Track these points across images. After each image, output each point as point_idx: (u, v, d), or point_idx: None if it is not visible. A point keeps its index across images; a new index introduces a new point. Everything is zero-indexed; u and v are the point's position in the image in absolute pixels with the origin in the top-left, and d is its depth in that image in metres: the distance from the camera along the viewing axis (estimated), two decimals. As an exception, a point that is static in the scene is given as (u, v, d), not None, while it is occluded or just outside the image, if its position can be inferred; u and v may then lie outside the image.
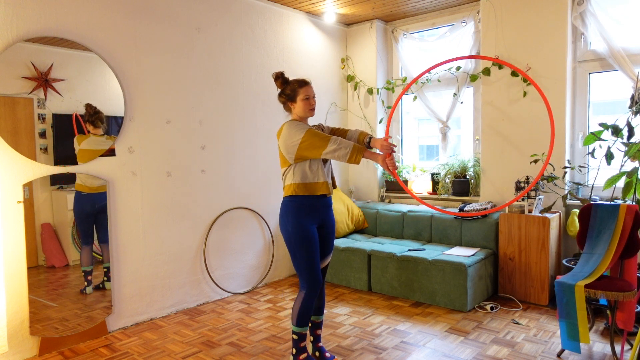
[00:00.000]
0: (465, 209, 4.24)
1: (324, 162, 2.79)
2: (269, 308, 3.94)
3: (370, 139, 2.76)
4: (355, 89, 5.37)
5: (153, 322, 3.66)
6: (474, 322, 3.53)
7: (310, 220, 2.73)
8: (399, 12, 4.92)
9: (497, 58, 2.65)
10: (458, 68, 4.63)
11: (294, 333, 2.74)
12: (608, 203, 3.10)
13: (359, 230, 5.02)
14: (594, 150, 3.56)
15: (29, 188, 3.09)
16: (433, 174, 4.88)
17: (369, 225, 4.98)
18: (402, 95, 2.79)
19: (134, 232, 3.59)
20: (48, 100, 3.12)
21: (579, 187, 3.97)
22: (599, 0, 3.89)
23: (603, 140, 3.47)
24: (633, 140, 3.32)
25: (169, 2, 3.77)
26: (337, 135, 2.79)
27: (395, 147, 2.75)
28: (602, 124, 3.44)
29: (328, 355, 2.90)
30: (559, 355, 2.95)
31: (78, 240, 3.39)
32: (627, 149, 3.29)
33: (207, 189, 4.08)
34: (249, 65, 4.40)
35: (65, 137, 3.24)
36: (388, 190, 5.25)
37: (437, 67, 2.86)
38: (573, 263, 3.59)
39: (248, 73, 4.40)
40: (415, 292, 4.00)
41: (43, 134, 3.13)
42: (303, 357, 2.75)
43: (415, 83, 4.95)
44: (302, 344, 2.76)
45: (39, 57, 3.08)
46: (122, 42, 3.48)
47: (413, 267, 3.98)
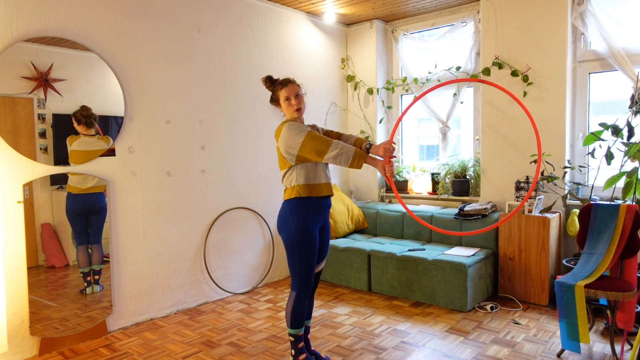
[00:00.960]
0: (465, 209, 4.24)
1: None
2: (269, 308, 3.95)
3: (370, 146, 2.69)
4: (355, 89, 5.37)
5: (153, 322, 3.66)
6: (474, 322, 3.53)
7: (314, 223, 2.68)
8: (399, 12, 4.92)
9: (494, 83, 2.66)
10: (458, 68, 4.63)
11: (291, 335, 2.74)
12: (608, 203, 3.10)
13: (359, 230, 5.02)
14: (594, 150, 3.56)
15: (29, 188, 3.09)
16: (433, 174, 4.88)
17: (369, 225, 4.98)
18: (409, 108, 2.79)
19: (134, 232, 3.59)
20: (48, 100, 3.12)
21: (579, 187, 3.97)
22: (599, 0, 3.89)
23: (603, 140, 3.47)
24: (633, 140, 3.32)
25: (169, 2, 3.77)
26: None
27: (396, 154, 2.72)
28: (602, 124, 3.44)
29: (323, 356, 2.91)
30: (559, 355, 2.95)
31: (76, 240, 3.39)
32: (627, 149, 3.29)
33: (207, 189, 4.08)
34: (249, 65, 4.40)
35: (65, 137, 3.24)
36: (388, 190, 5.25)
37: (444, 85, 2.87)
38: (573, 263, 3.59)
39: (248, 73, 4.40)
40: (415, 292, 4.00)
41: (43, 134, 3.13)
42: (302, 357, 2.75)
43: (415, 83, 4.95)
44: (299, 345, 2.76)
45: (39, 57, 3.08)
46: (122, 42, 3.48)
47: (413, 267, 3.98)
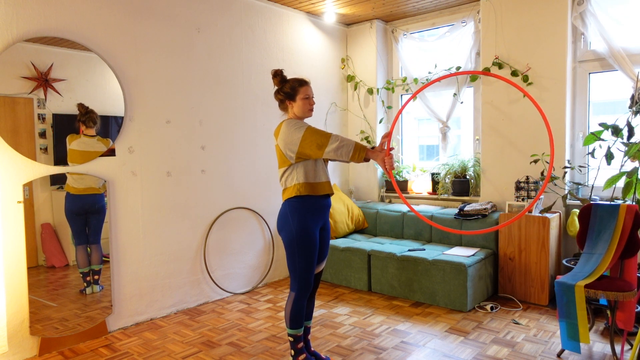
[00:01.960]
0: (465, 209, 4.24)
1: (324, 160, 2.77)
2: (269, 308, 3.94)
3: (372, 148, 2.63)
4: (355, 89, 5.37)
5: (153, 322, 3.66)
6: (474, 322, 3.53)
7: (315, 223, 2.67)
8: (399, 12, 4.92)
9: (502, 77, 2.63)
10: (458, 68, 4.63)
11: (290, 335, 2.74)
12: (608, 203, 3.10)
13: (359, 230, 5.02)
14: (594, 150, 3.56)
15: (29, 188, 3.09)
16: (433, 174, 4.88)
17: (369, 225, 4.98)
18: (404, 107, 2.78)
19: (134, 232, 3.59)
20: (48, 100, 3.12)
21: (579, 187, 3.97)
22: (599, 0, 3.89)
23: (603, 140, 3.47)
24: (633, 140, 3.32)
25: (169, 2, 3.77)
26: None
27: (395, 154, 2.71)
28: (602, 124, 3.44)
29: (323, 356, 2.91)
30: (559, 355, 2.95)
31: (75, 241, 3.39)
32: (627, 149, 3.29)
33: (207, 189, 4.08)
34: (249, 65, 4.40)
35: (65, 137, 3.24)
36: (388, 190, 5.25)
37: (439, 79, 2.83)
38: (573, 263, 3.59)
39: (248, 73, 4.40)
40: (415, 292, 4.00)
41: (43, 134, 3.13)
42: (302, 358, 2.75)
43: (415, 83, 4.94)
44: (299, 345, 2.76)
45: (39, 57, 3.08)
46: (122, 42, 3.48)
47: (413, 267, 3.98)
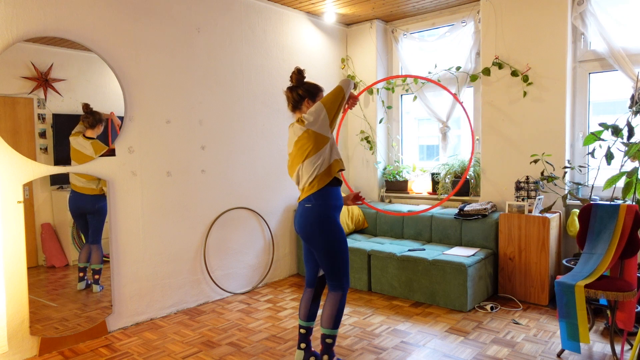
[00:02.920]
0: (465, 209, 4.24)
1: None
2: (269, 308, 3.94)
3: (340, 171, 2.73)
4: (355, 89, 5.36)
5: (153, 322, 3.66)
6: (474, 322, 3.53)
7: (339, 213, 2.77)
8: (399, 12, 4.92)
9: (436, 80, 2.79)
10: (458, 68, 4.63)
11: (331, 337, 2.70)
12: (608, 203, 3.10)
13: (359, 230, 5.02)
14: (594, 150, 3.56)
15: (29, 188, 3.09)
16: (433, 174, 4.88)
17: (369, 225, 4.98)
18: (362, 92, 3.00)
19: (134, 232, 3.59)
20: (48, 100, 3.12)
21: (579, 187, 3.97)
22: (599, 0, 3.89)
23: (603, 140, 3.47)
24: (633, 140, 3.32)
25: (169, 2, 3.77)
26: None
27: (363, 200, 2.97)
28: (602, 124, 3.44)
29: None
30: (559, 355, 2.95)
31: (78, 240, 3.39)
32: (627, 149, 3.29)
33: (207, 189, 4.08)
34: (249, 66, 4.40)
35: (65, 137, 3.24)
36: (388, 190, 5.25)
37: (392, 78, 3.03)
38: (573, 263, 3.59)
39: (248, 73, 4.40)
40: (415, 292, 4.00)
41: (43, 134, 3.13)
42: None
43: (415, 83, 4.94)
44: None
45: (39, 57, 3.08)
46: (122, 42, 3.48)
47: (413, 267, 3.98)
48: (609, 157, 3.42)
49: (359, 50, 5.34)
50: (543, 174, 3.89)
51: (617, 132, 3.38)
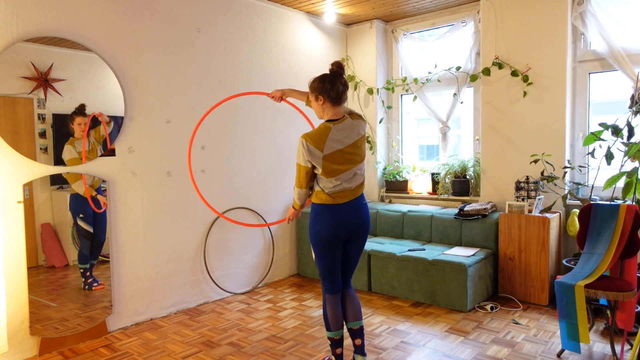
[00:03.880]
0: (465, 209, 4.24)
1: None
2: (269, 308, 3.95)
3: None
4: (355, 89, 5.36)
5: (153, 322, 3.66)
6: (474, 322, 3.53)
7: None
8: (399, 12, 4.92)
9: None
10: (458, 68, 4.63)
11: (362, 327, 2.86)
12: (608, 203, 3.10)
13: (359, 230, 5.01)
14: (594, 150, 3.56)
15: (29, 188, 3.09)
16: (433, 174, 4.88)
17: (369, 225, 4.97)
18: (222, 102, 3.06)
19: (134, 232, 3.59)
20: (48, 100, 3.12)
21: (579, 187, 3.97)
22: (599, 0, 3.89)
23: (603, 140, 3.47)
24: (633, 140, 3.32)
25: (169, 2, 3.77)
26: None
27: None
28: (602, 124, 3.44)
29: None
30: (559, 355, 2.95)
31: (78, 240, 3.40)
32: (627, 149, 3.28)
33: (207, 189, 4.08)
34: (249, 65, 4.40)
35: (65, 137, 3.24)
36: (388, 190, 5.25)
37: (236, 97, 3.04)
38: (573, 263, 3.59)
39: (248, 73, 4.40)
40: (415, 292, 4.00)
41: (43, 134, 3.13)
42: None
43: (415, 82, 4.94)
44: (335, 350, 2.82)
45: (39, 57, 3.08)
46: (122, 42, 3.48)
47: (413, 267, 3.98)
48: (609, 157, 3.42)
49: (359, 50, 5.34)
50: (543, 174, 3.88)
51: (617, 132, 3.38)
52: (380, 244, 4.42)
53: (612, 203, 3.09)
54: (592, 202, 3.31)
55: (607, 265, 2.85)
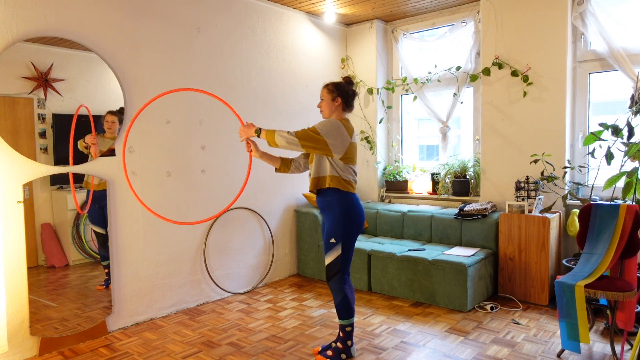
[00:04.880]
0: (465, 209, 4.24)
1: (313, 157, 2.96)
2: (269, 308, 3.95)
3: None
4: (355, 89, 5.35)
5: (153, 322, 3.66)
6: (474, 322, 3.53)
7: None
8: (399, 12, 4.92)
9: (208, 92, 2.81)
10: (458, 68, 4.63)
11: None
12: (608, 203, 3.10)
13: (359, 230, 5.01)
14: (594, 150, 3.56)
15: (29, 188, 3.09)
16: (433, 174, 4.88)
17: (369, 225, 4.97)
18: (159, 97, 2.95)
19: (134, 232, 3.59)
20: (48, 100, 3.12)
21: (579, 187, 3.97)
22: (599, 0, 3.89)
23: (603, 140, 3.47)
24: (633, 140, 3.32)
25: (169, 2, 3.77)
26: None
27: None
28: (602, 124, 3.44)
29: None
30: (559, 355, 2.95)
31: (78, 240, 3.40)
32: (627, 149, 3.28)
33: (207, 189, 4.08)
34: (249, 65, 4.40)
35: (65, 137, 3.24)
36: (388, 190, 5.25)
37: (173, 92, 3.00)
38: (573, 263, 3.59)
39: (248, 73, 4.40)
40: (415, 292, 4.00)
41: (43, 134, 3.13)
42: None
43: (415, 82, 4.94)
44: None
45: (39, 57, 3.08)
46: (122, 42, 3.48)
47: (413, 267, 3.98)
48: (609, 157, 3.42)
49: (359, 50, 5.34)
50: (543, 174, 3.89)
51: (617, 132, 3.38)
52: (380, 244, 4.42)
53: (612, 203, 3.09)
54: (592, 202, 3.31)
55: (607, 265, 2.85)
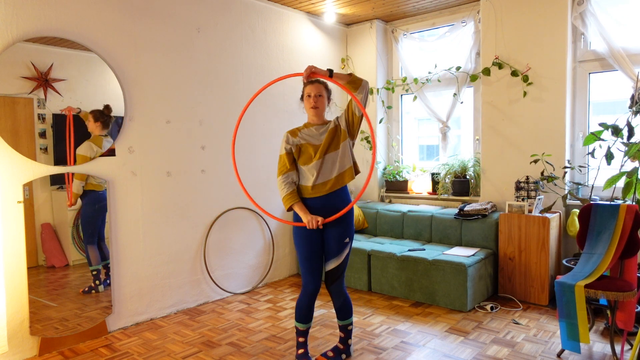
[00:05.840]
0: (465, 209, 4.24)
1: (326, 155, 2.95)
2: (269, 308, 3.95)
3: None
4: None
5: (153, 322, 3.66)
6: (474, 322, 3.53)
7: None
8: (399, 12, 4.92)
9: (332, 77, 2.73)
10: (458, 68, 4.63)
11: (294, 326, 2.96)
12: (608, 203, 3.10)
13: (359, 230, 5.02)
14: (594, 150, 3.56)
15: (29, 188, 3.09)
16: (433, 174, 4.88)
17: (369, 225, 4.98)
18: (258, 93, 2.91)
19: (134, 232, 3.59)
20: (48, 100, 3.12)
21: (579, 187, 3.97)
22: (599, 0, 3.89)
23: (603, 140, 3.47)
24: (633, 140, 3.32)
25: (169, 2, 3.77)
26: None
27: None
28: (602, 124, 3.44)
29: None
30: (559, 355, 2.95)
31: (78, 241, 3.40)
32: (627, 149, 3.28)
33: (207, 189, 4.08)
34: (249, 66, 4.40)
35: (65, 137, 3.24)
36: (388, 190, 5.25)
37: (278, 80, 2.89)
38: (573, 263, 3.59)
39: (248, 73, 4.40)
40: (415, 292, 4.00)
41: (43, 134, 3.13)
42: (300, 352, 2.87)
43: (415, 82, 4.94)
44: (300, 339, 2.89)
45: (39, 57, 3.08)
46: (122, 42, 3.48)
47: (413, 267, 3.98)
48: (609, 157, 3.42)
49: (359, 50, 5.34)
50: (543, 174, 3.89)
51: (617, 132, 3.38)
52: (380, 244, 4.42)
53: (612, 203, 3.09)
54: (592, 202, 3.31)
55: (607, 265, 2.85)
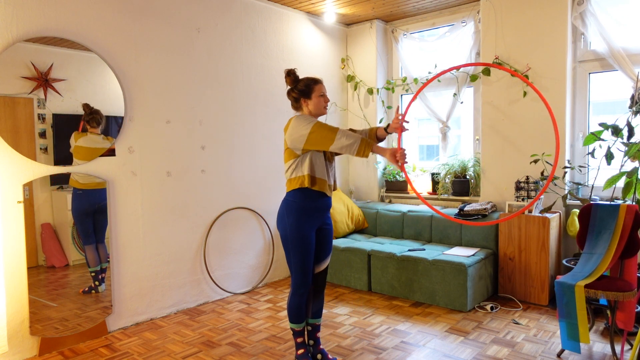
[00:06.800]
0: (465, 209, 4.24)
1: (329, 162, 2.75)
2: (269, 308, 3.95)
3: (387, 126, 2.82)
4: (355, 89, 5.36)
5: (153, 322, 3.66)
6: (474, 322, 3.53)
7: (310, 225, 2.70)
8: (399, 12, 4.92)
9: (495, 63, 2.67)
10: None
11: (290, 328, 2.90)
12: (608, 203, 3.10)
13: (359, 230, 5.02)
14: (594, 150, 3.56)
15: (29, 188, 3.09)
16: (433, 174, 4.88)
17: (369, 225, 4.98)
18: (415, 96, 3.00)
19: (134, 232, 3.59)
20: (48, 100, 3.12)
21: (579, 187, 3.97)
22: (599, 0, 3.89)
23: (603, 140, 3.47)
24: (633, 140, 3.32)
25: (169, 2, 3.77)
26: None
27: (406, 124, 2.78)
28: (602, 124, 3.44)
29: (330, 357, 2.91)
30: (559, 355, 2.95)
31: (78, 241, 3.39)
32: (627, 149, 3.29)
33: (207, 189, 4.08)
34: (249, 66, 4.40)
35: (66, 137, 3.24)
36: (388, 190, 5.25)
37: (447, 71, 2.93)
38: (573, 263, 3.59)
39: (248, 73, 4.40)
40: (415, 292, 4.00)
41: (43, 134, 3.13)
42: (300, 352, 2.83)
43: (415, 82, 4.94)
44: (298, 340, 2.85)
45: (39, 57, 3.08)
46: (122, 42, 3.48)
47: (413, 267, 3.98)
48: (609, 157, 3.42)
49: (359, 50, 5.34)
50: (543, 174, 3.89)
51: (617, 132, 3.38)
52: (380, 244, 4.42)
53: (612, 203, 3.09)
54: (592, 202, 3.31)
55: (607, 265, 2.85)
